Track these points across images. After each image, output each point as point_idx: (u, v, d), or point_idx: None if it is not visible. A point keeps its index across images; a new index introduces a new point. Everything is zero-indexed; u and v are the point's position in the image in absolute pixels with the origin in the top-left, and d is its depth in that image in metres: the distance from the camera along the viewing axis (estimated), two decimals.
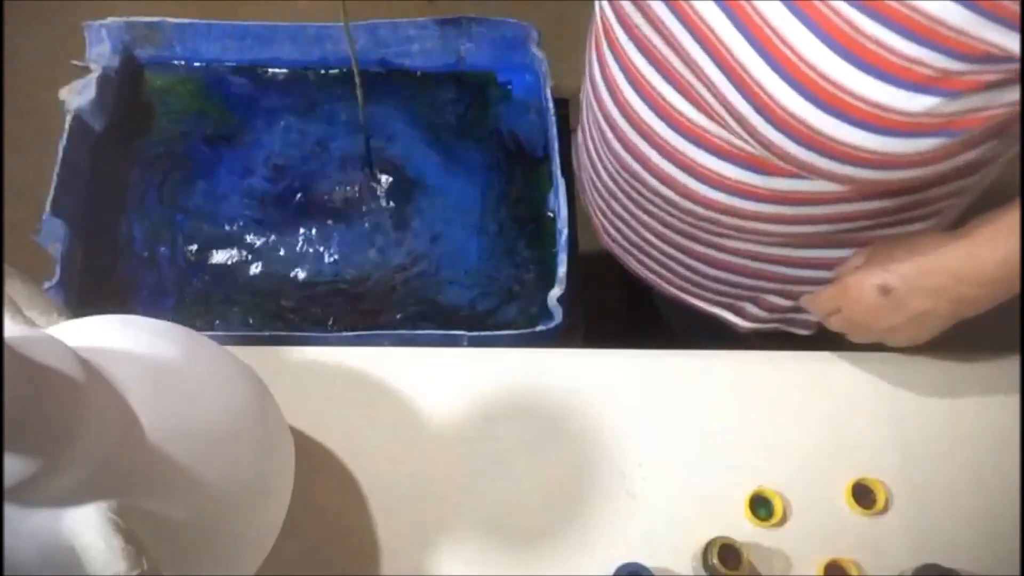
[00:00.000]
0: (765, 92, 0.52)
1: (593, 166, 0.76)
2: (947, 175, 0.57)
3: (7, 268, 0.48)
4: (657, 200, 0.68)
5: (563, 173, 0.88)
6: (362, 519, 0.63)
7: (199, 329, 0.84)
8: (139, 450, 0.42)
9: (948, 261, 0.58)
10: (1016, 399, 0.69)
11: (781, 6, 0.50)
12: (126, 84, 0.97)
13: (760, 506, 0.64)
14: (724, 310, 0.78)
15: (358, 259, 0.91)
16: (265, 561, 0.52)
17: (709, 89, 0.57)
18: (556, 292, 0.82)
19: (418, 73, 1.02)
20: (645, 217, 0.72)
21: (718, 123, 0.58)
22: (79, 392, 0.38)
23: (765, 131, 0.54)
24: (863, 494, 0.65)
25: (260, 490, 0.50)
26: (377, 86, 1.01)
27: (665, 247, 0.74)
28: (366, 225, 0.93)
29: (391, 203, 0.94)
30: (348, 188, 0.95)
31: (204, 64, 1.01)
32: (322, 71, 1.02)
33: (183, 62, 1.01)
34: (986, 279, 0.57)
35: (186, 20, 0.98)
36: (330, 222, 0.93)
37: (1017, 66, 0.47)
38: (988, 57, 0.47)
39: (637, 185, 0.69)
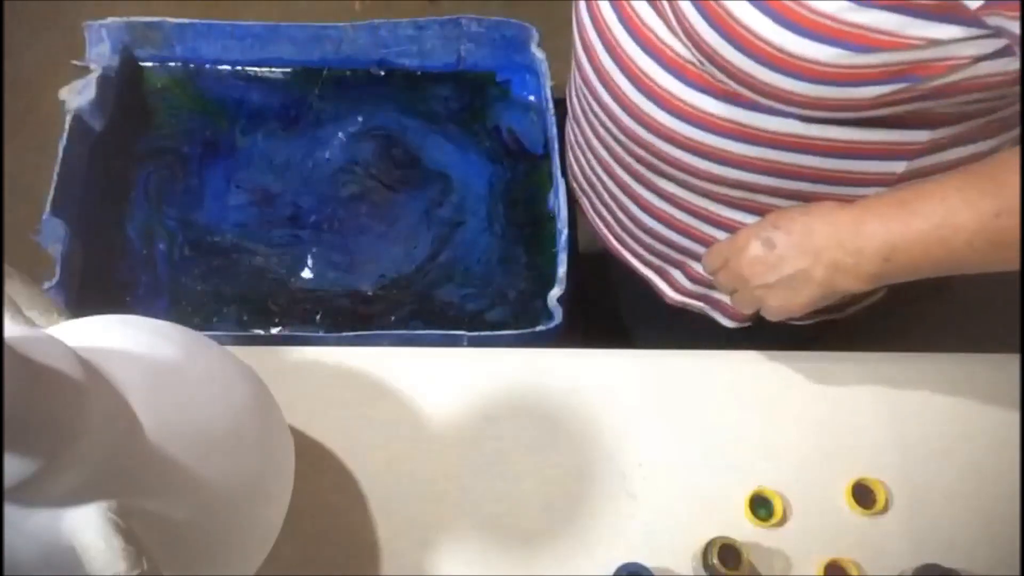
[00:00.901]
0: (720, 5, 0.52)
1: (570, 101, 0.75)
2: (896, 150, 0.57)
3: (7, 268, 0.48)
4: (615, 130, 0.67)
5: (563, 173, 0.88)
6: (362, 519, 0.63)
7: (197, 328, 0.84)
8: (139, 450, 0.42)
9: (833, 224, 0.57)
10: (1016, 399, 0.69)
11: None
12: (126, 84, 0.97)
13: (760, 506, 0.64)
14: (655, 273, 0.77)
15: (362, 256, 0.91)
16: (265, 561, 0.52)
17: (673, 10, 0.57)
18: (556, 292, 0.82)
19: (418, 73, 1.02)
20: (601, 150, 0.71)
21: (686, 46, 0.58)
22: (79, 392, 0.38)
23: (719, 48, 0.54)
24: (863, 494, 0.65)
25: (260, 490, 0.50)
26: (378, 86, 1.01)
27: (612, 186, 0.73)
28: (372, 220, 0.93)
29: (401, 194, 0.94)
30: (350, 186, 0.95)
31: (204, 64, 1.01)
32: (323, 71, 1.02)
33: (183, 62, 1.01)
34: (866, 251, 0.55)
35: (186, 20, 0.98)
36: (331, 221, 0.93)
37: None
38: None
39: (601, 114, 0.68)
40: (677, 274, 0.75)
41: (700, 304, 0.76)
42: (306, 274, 0.90)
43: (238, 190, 0.94)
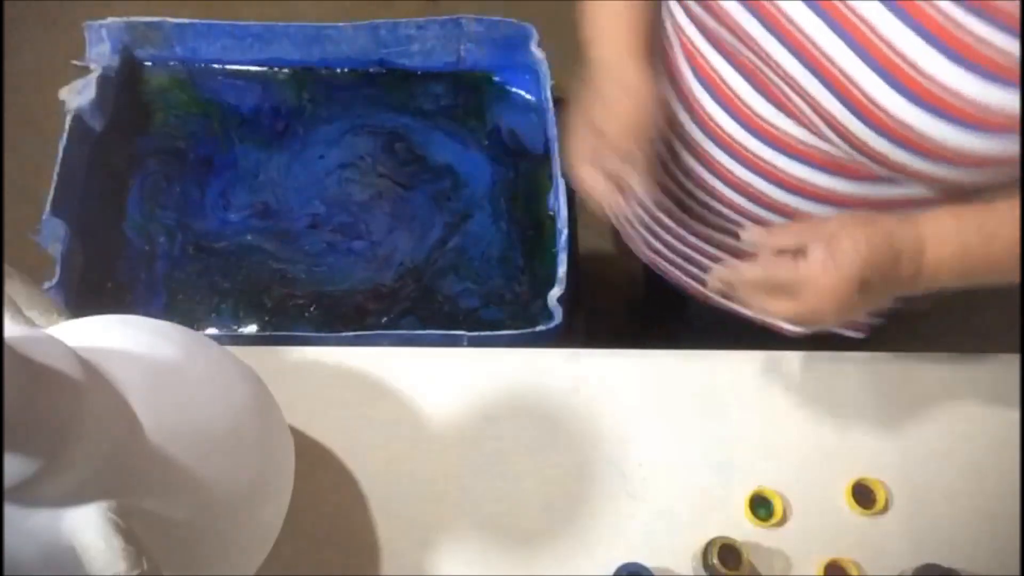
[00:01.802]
0: (862, 92, 0.52)
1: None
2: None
3: (7, 268, 0.48)
4: (726, 211, 0.67)
5: (563, 173, 0.88)
6: (362, 519, 0.63)
7: (197, 326, 0.84)
8: (139, 450, 0.42)
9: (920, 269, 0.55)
10: (1016, 399, 0.69)
11: (879, 4, 0.50)
12: (126, 84, 0.97)
13: (760, 506, 0.64)
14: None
15: (383, 250, 0.91)
16: (265, 561, 0.52)
17: (798, 93, 0.56)
18: (556, 292, 0.82)
19: (418, 73, 1.02)
20: (705, 229, 0.71)
21: (807, 128, 0.58)
22: (79, 392, 0.38)
23: (860, 132, 0.54)
24: (863, 494, 0.65)
25: (260, 490, 0.50)
26: (378, 86, 1.01)
27: (723, 256, 0.73)
28: (387, 216, 0.93)
29: (412, 191, 0.94)
30: (360, 185, 0.95)
31: (204, 64, 1.01)
32: (323, 70, 1.02)
33: (183, 62, 1.01)
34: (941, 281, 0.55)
35: (186, 20, 0.98)
36: (348, 221, 0.93)
37: None
38: None
39: (701, 195, 0.68)
40: None
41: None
42: (324, 272, 0.90)
43: (240, 188, 0.94)
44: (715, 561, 0.60)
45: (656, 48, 0.69)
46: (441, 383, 0.69)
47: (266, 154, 0.96)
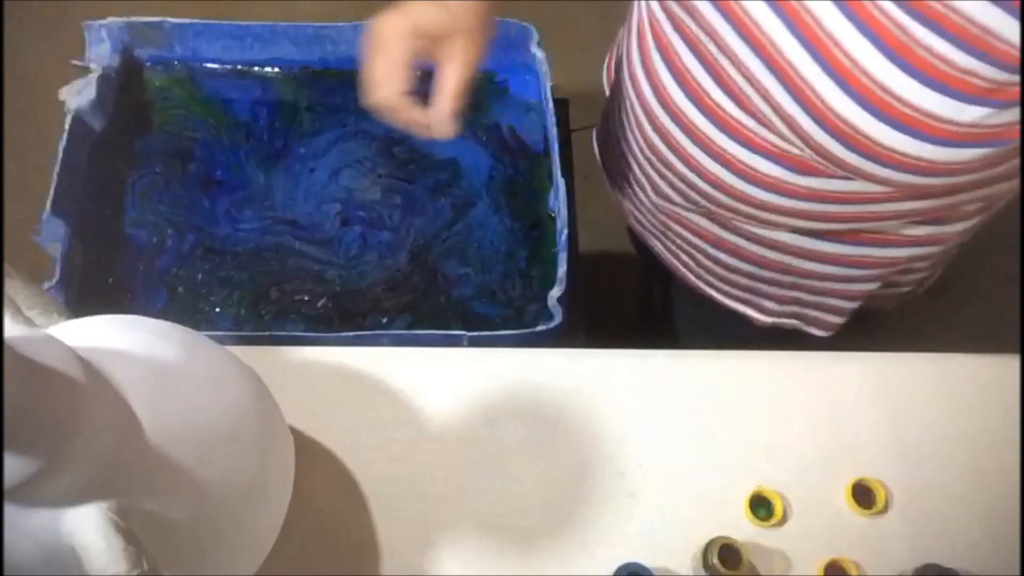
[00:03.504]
0: (816, 94, 0.52)
1: (623, 154, 0.76)
2: (984, 180, 0.57)
3: (7, 268, 0.48)
4: (690, 192, 0.68)
5: (563, 173, 0.88)
6: (362, 519, 0.63)
7: (198, 324, 0.84)
8: (139, 450, 0.42)
9: None
10: (1016, 399, 0.69)
11: (833, 7, 0.50)
12: (126, 84, 0.97)
13: (760, 506, 0.64)
14: (742, 304, 0.78)
15: (367, 251, 0.91)
16: (265, 561, 0.52)
17: (757, 90, 0.56)
18: (556, 292, 0.82)
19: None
20: (674, 208, 0.72)
21: (764, 124, 0.58)
22: (79, 392, 0.38)
23: (814, 133, 0.54)
24: (863, 494, 0.65)
25: (260, 490, 0.50)
26: None
27: (692, 237, 0.74)
28: (395, 211, 0.94)
29: (415, 184, 0.95)
30: (364, 186, 0.95)
31: (204, 64, 1.01)
32: (323, 70, 1.02)
33: (183, 62, 1.01)
34: None
35: (186, 20, 0.98)
36: (335, 217, 0.93)
37: None
38: None
39: (670, 176, 0.69)
40: (767, 302, 0.76)
41: (792, 321, 0.76)
42: (319, 269, 0.90)
43: (240, 188, 0.94)
44: (715, 561, 0.60)
45: (632, 40, 0.69)
46: (441, 383, 0.69)
47: (268, 152, 0.96)
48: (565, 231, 0.85)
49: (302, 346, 0.70)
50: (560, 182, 0.88)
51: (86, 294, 0.86)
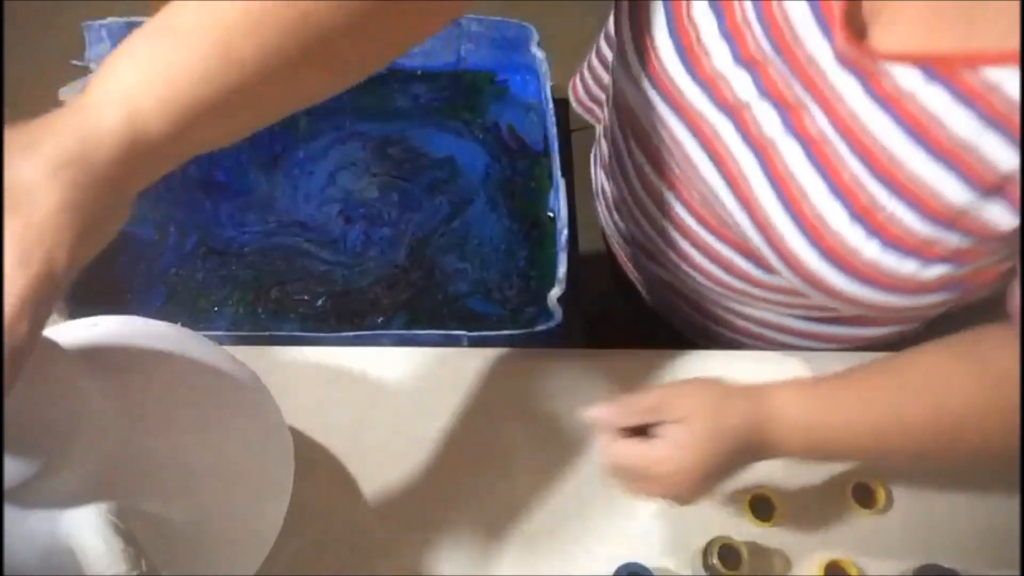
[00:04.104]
0: (783, 241, 0.55)
1: (616, 208, 0.79)
2: (954, 298, 0.58)
3: None
4: (671, 265, 0.71)
5: (563, 173, 0.88)
6: (362, 519, 0.63)
7: (196, 323, 0.84)
8: (138, 451, 0.42)
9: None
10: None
11: (804, 160, 0.53)
12: None
13: (760, 506, 0.64)
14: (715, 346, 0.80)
15: (371, 247, 0.91)
16: (265, 561, 0.52)
17: (728, 221, 0.60)
18: (556, 292, 0.81)
19: (418, 72, 1.02)
20: (662, 274, 0.75)
21: (736, 248, 0.63)
22: (79, 393, 0.38)
23: (781, 271, 0.57)
24: (863, 494, 0.65)
25: (259, 490, 0.50)
26: (377, 85, 1.01)
27: (678, 301, 0.77)
28: (393, 208, 0.94)
29: (411, 182, 0.95)
30: (356, 181, 0.95)
31: None
32: None
33: None
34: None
35: None
36: (337, 216, 0.93)
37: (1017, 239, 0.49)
38: (998, 236, 0.49)
39: (652, 249, 0.72)
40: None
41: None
42: (319, 268, 0.90)
43: (239, 187, 0.94)
44: (715, 561, 0.60)
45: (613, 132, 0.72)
46: (441, 383, 0.69)
47: (268, 152, 0.96)
48: (565, 231, 0.85)
49: (301, 346, 0.70)
50: (560, 182, 0.88)
51: (85, 294, 0.86)
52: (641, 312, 0.88)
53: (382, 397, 0.68)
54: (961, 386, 0.50)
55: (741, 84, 0.54)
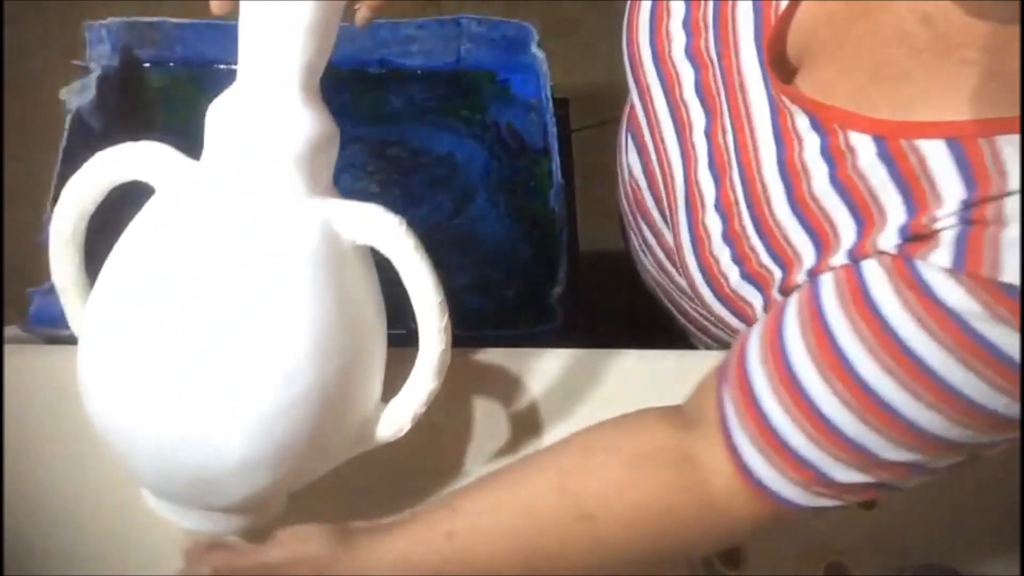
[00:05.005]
0: (680, 245, 0.58)
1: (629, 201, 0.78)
2: None
3: None
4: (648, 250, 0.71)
5: (563, 173, 0.88)
6: (362, 519, 0.63)
7: None
8: None
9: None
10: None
11: (707, 168, 0.54)
12: (126, 84, 0.97)
13: None
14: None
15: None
16: None
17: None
18: (556, 292, 0.82)
19: (419, 72, 1.02)
20: (657, 273, 0.75)
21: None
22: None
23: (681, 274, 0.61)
24: None
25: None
26: (377, 85, 1.01)
27: (659, 294, 0.78)
28: (397, 203, 0.94)
29: (411, 178, 0.95)
30: (357, 181, 0.95)
31: (205, 64, 1.01)
32: None
33: (183, 62, 1.01)
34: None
35: (186, 20, 0.98)
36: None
37: None
38: None
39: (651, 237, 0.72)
40: None
41: None
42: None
43: None
44: (715, 561, 0.60)
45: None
46: (441, 383, 0.69)
47: None
48: (565, 231, 0.85)
49: None
50: (560, 182, 0.88)
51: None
52: (641, 312, 0.88)
53: (381, 397, 0.68)
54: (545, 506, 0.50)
55: (687, 79, 0.55)
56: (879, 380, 0.41)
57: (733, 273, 0.52)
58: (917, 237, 0.41)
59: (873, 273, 0.42)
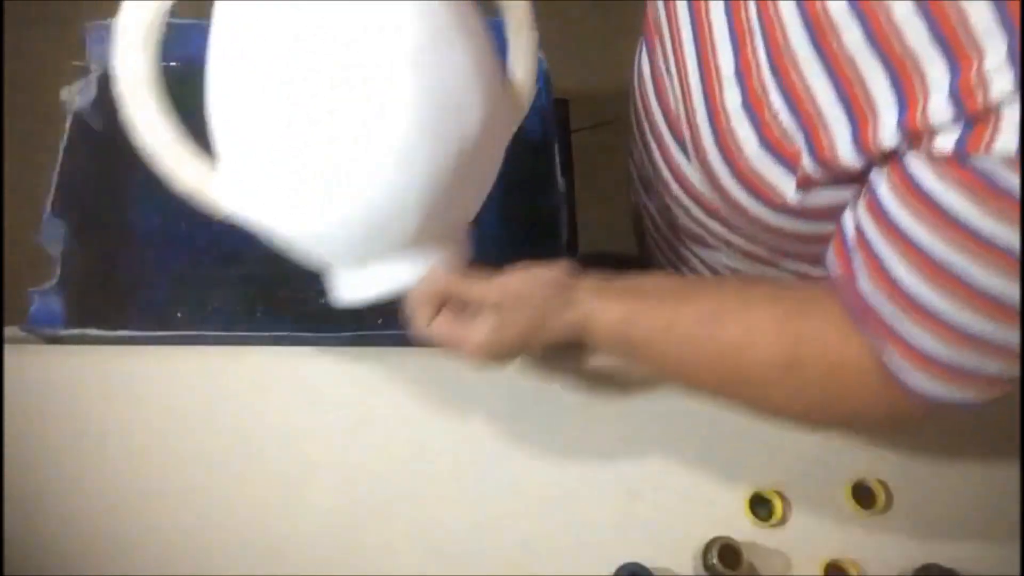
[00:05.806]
0: (692, 111, 0.57)
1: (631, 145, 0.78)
2: None
3: None
4: (655, 196, 0.70)
5: (563, 173, 0.88)
6: (362, 519, 0.63)
7: (199, 322, 0.84)
8: None
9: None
10: (1015, 399, 0.69)
11: (726, 32, 0.53)
12: None
13: (760, 506, 0.64)
14: None
15: None
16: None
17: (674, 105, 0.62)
18: None
19: None
20: (653, 211, 0.74)
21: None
22: None
23: (691, 153, 0.59)
24: (863, 494, 0.65)
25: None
26: None
27: (657, 237, 0.76)
28: None
29: None
30: None
31: (205, 64, 1.01)
32: None
33: (183, 62, 1.00)
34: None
35: (186, 20, 0.97)
36: None
37: None
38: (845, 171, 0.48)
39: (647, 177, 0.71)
40: None
41: None
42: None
43: None
44: (715, 561, 0.60)
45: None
46: (441, 383, 0.69)
47: None
48: (565, 231, 0.85)
49: (301, 346, 0.70)
50: (560, 181, 0.88)
51: (86, 294, 0.86)
52: None
53: (382, 397, 0.68)
54: (763, 332, 0.52)
55: None
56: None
57: (750, 143, 0.51)
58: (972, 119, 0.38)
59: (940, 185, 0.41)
